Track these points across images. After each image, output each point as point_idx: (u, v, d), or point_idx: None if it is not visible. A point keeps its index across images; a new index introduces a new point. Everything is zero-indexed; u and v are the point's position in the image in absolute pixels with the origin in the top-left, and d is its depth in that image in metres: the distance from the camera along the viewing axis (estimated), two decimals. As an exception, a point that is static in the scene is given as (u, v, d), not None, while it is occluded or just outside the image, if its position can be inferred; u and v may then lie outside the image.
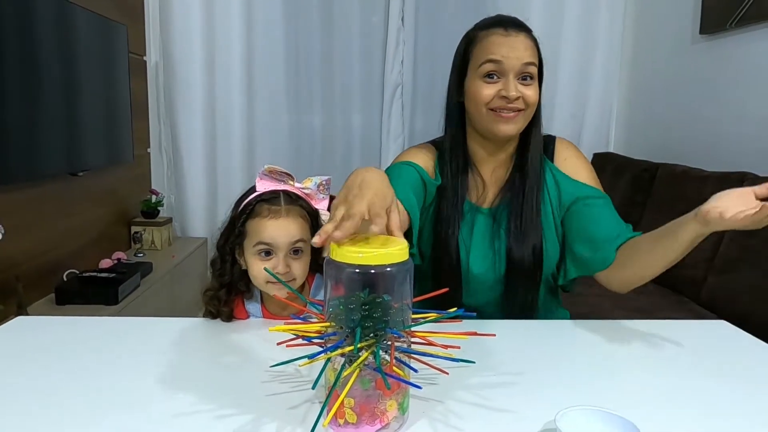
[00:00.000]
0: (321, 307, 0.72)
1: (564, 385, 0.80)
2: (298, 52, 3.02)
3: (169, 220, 2.85)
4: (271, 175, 0.98)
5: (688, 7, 2.55)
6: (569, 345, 0.97)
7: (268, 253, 0.95)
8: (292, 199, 0.97)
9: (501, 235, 1.10)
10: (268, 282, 0.95)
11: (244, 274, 0.99)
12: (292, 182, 0.99)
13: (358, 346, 0.62)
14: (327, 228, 0.65)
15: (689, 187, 2.16)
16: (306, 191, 1.00)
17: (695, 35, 2.50)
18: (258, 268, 0.95)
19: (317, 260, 0.99)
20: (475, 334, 0.73)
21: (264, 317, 1.04)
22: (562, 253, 1.13)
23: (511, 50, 1.04)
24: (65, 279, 2.04)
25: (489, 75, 1.05)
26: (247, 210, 0.96)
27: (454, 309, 0.72)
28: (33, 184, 1.94)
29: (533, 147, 1.12)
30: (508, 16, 1.11)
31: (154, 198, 2.83)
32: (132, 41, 2.61)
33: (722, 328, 1.08)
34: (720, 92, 2.37)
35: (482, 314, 1.09)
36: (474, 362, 0.73)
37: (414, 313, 0.70)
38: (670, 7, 2.71)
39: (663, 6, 2.79)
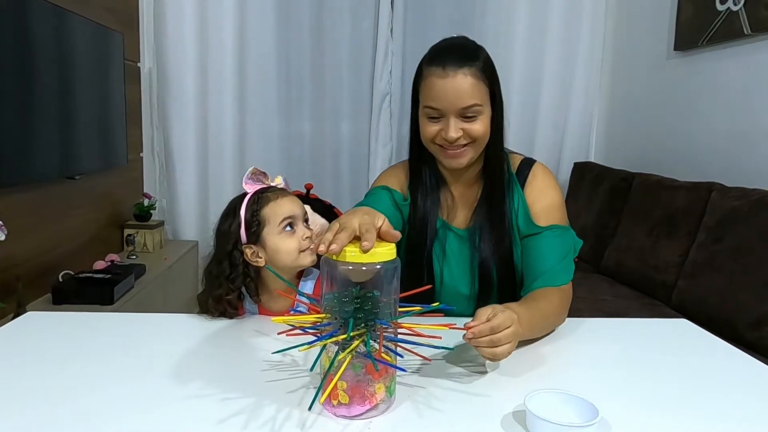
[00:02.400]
0: (315, 300, 0.80)
1: (534, 373, 0.89)
2: (289, 61, 3.10)
3: (161, 224, 2.90)
4: (253, 177, 1.11)
5: (664, 25, 2.68)
6: (540, 339, 1.05)
7: (291, 225, 1.07)
8: (281, 189, 1.12)
9: (476, 256, 1.13)
10: (301, 251, 1.07)
11: (254, 276, 1.09)
12: (267, 180, 1.12)
13: (351, 334, 0.70)
14: (327, 236, 0.73)
15: (662, 196, 2.28)
16: (280, 187, 1.14)
17: (670, 51, 2.63)
18: (289, 243, 1.06)
19: None
20: (454, 326, 0.81)
21: (260, 314, 1.12)
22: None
23: (448, 95, 1.02)
24: (61, 279, 2.09)
25: (432, 117, 1.06)
26: (255, 204, 1.07)
27: (437, 303, 0.81)
28: (31, 187, 1.99)
29: (496, 171, 1.12)
30: (453, 45, 1.08)
31: (146, 202, 2.88)
32: (127, 48, 2.67)
33: (682, 325, 1.17)
34: (692, 106, 2.50)
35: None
36: (452, 348, 0.83)
37: (400, 306, 0.79)
38: (648, 23, 2.84)
39: (641, 23, 2.92)
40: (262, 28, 3.02)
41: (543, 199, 1.13)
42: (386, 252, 0.73)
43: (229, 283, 1.06)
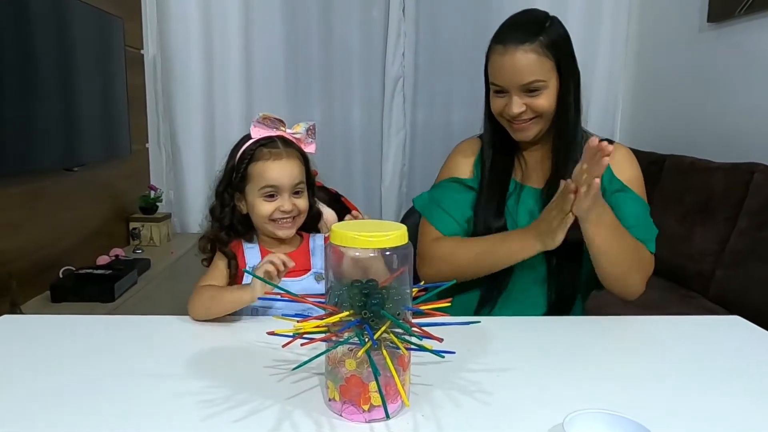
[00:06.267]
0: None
1: (575, 388, 0.76)
2: (297, 45, 2.97)
3: (168, 216, 2.81)
4: (265, 122, 1.04)
5: (695, -5, 2.50)
6: (577, 343, 0.92)
7: (271, 195, 1.01)
8: (288, 142, 1.04)
9: None
10: (270, 220, 1.02)
11: (243, 218, 1.05)
12: (283, 128, 1.06)
13: (382, 329, 0.62)
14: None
15: (697, 178, 2.12)
16: (297, 136, 1.06)
17: (703, 23, 2.45)
18: (263, 209, 1.01)
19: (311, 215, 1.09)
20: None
21: (262, 255, 1.04)
22: None
23: (509, 72, 1.05)
24: (61, 276, 2.01)
25: (497, 91, 1.10)
26: (247, 155, 1.01)
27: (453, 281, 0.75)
28: (27, 179, 1.90)
29: (561, 147, 1.11)
30: (516, 22, 1.10)
31: (152, 194, 2.79)
32: (129, 35, 2.57)
33: (736, 324, 1.03)
34: (728, 81, 2.32)
35: (526, 293, 1.12)
36: (479, 321, 0.78)
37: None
38: (677, -5, 2.65)
39: (670, -6, 2.73)
40: (269, 11, 2.89)
41: (627, 171, 1.12)
42: (398, 236, 0.65)
43: (216, 223, 1.04)
